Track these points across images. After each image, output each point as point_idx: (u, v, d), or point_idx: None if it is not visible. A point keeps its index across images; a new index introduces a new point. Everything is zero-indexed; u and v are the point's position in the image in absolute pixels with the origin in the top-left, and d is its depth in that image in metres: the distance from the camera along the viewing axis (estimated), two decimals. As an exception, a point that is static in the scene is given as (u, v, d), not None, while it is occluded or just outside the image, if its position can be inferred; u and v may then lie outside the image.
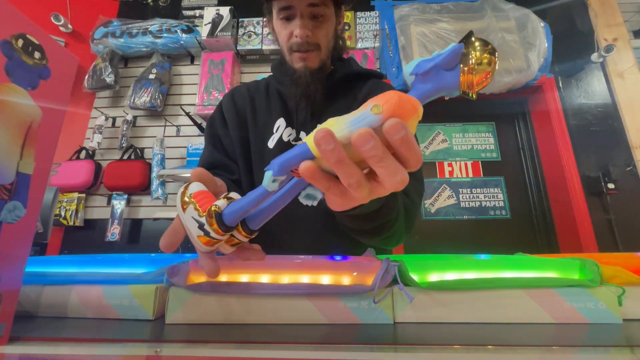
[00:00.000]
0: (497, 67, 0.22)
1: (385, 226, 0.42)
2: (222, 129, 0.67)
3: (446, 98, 0.24)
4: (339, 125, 0.21)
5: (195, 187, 0.28)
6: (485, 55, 0.22)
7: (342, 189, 0.23)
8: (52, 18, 2.02)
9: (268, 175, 0.23)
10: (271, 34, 0.69)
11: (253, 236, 0.28)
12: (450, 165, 2.11)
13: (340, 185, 0.23)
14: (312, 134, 0.22)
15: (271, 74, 0.73)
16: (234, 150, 0.65)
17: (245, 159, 0.64)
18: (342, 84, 0.67)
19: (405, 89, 0.23)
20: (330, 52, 0.66)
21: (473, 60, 0.21)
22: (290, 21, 0.61)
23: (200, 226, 0.26)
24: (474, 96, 0.22)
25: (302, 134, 0.64)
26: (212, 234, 0.26)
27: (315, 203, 0.25)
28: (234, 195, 0.28)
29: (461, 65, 0.22)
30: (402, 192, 0.49)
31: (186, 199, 0.28)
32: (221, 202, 0.26)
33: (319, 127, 0.22)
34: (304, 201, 0.25)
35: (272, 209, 0.27)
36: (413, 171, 0.22)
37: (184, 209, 0.27)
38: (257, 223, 0.27)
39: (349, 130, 0.21)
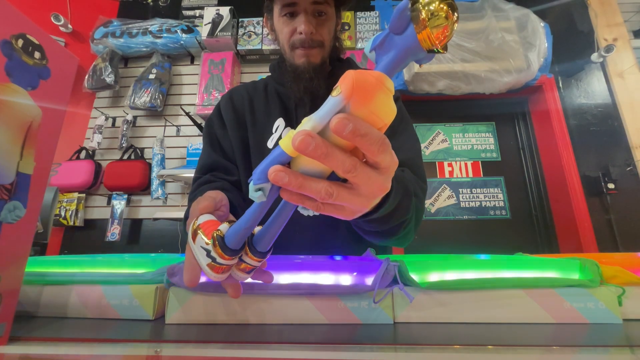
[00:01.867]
0: (456, 17, 0.19)
1: (400, 226, 0.42)
2: (221, 131, 0.66)
3: (420, 66, 0.22)
4: (311, 122, 0.21)
5: (204, 217, 0.29)
6: (437, 6, 0.19)
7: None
8: (52, 18, 2.02)
9: (251, 186, 0.23)
10: (270, 36, 0.68)
11: (265, 258, 0.28)
12: (450, 165, 2.11)
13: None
14: (287, 136, 0.22)
15: (270, 74, 0.73)
16: (232, 151, 0.65)
17: (244, 160, 0.64)
18: None
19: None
20: (330, 52, 0.66)
21: (423, 15, 0.19)
22: (293, 18, 0.60)
23: (208, 253, 0.26)
24: (442, 51, 0.20)
25: None
26: (218, 260, 0.26)
27: (311, 213, 0.25)
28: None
29: (413, 25, 0.19)
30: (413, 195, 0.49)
31: (195, 228, 0.28)
32: (223, 226, 0.27)
33: (295, 130, 0.21)
34: (303, 212, 0.25)
35: (276, 226, 0.26)
36: (382, 165, 0.22)
37: (194, 240, 0.28)
38: (264, 244, 0.27)
39: (316, 123, 0.20)
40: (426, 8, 0.19)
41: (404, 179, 0.40)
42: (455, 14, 0.19)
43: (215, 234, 0.26)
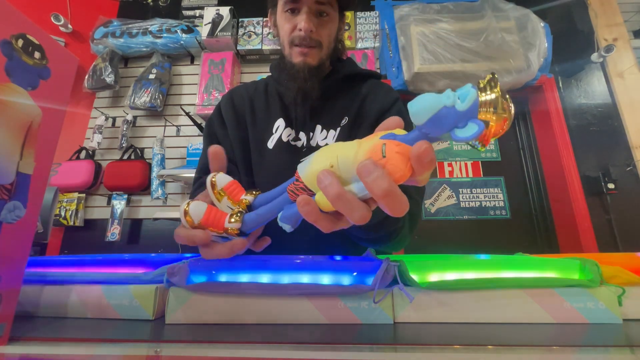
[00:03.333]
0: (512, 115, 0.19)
1: (392, 234, 0.42)
2: (221, 130, 0.66)
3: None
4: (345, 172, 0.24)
5: (223, 179, 0.33)
6: (504, 103, 0.19)
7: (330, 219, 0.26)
8: (52, 18, 2.02)
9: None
10: (272, 31, 0.69)
11: (243, 237, 0.31)
12: (450, 165, 2.11)
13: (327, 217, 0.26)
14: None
15: (270, 74, 0.73)
16: (233, 151, 0.65)
17: (244, 160, 0.64)
18: (341, 84, 0.67)
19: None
20: (330, 54, 0.66)
21: (495, 110, 0.19)
22: (295, 15, 0.60)
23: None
24: (482, 149, 0.21)
25: (302, 134, 0.64)
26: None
27: (288, 229, 0.29)
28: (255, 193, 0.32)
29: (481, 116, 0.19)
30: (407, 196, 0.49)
31: (219, 191, 0.32)
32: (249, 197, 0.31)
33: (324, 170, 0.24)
34: (284, 226, 0.28)
35: (266, 217, 0.30)
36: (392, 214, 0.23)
37: (219, 200, 0.32)
38: (248, 227, 0.31)
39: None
40: (499, 104, 0.19)
41: None
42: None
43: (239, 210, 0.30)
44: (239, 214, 0.30)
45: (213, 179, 0.33)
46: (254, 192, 0.32)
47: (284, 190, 0.29)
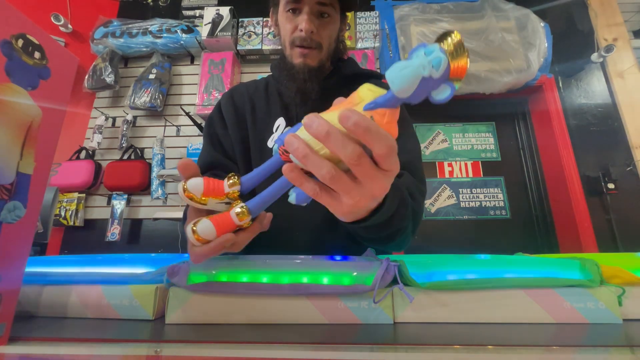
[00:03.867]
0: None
1: (397, 233, 0.42)
2: (221, 129, 0.66)
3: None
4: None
5: (195, 185, 0.31)
6: (466, 55, 0.21)
7: (329, 193, 0.24)
8: (52, 18, 2.02)
9: (275, 148, 0.29)
10: (273, 30, 0.69)
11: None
12: (450, 165, 2.11)
13: (325, 190, 0.24)
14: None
15: (271, 74, 0.73)
16: (232, 149, 0.65)
17: (244, 159, 0.64)
18: (342, 84, 0.67)
19: None
20: (330, 55, 0.66)
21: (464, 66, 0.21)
22: (296, 15, 0.61)
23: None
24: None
25: None
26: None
27: (303, 203, 0.28)
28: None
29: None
30: (409, 196, 0.49)
31: (201, 198, 0.31)
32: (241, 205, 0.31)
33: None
34: (293, 201, 0.28)
35: (266, 201, 0.30)
36: (385, 167, 0.23)
37: (205, 204, 0.31)
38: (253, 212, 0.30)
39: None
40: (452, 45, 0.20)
41: (401, 185, 0.40)
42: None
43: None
44: (242, 207, 0.30)
45: (187, 192, 0.30)
46: (233, 179, 0.31)
47: (269, 168, 0.30)
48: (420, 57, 0.21)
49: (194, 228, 0.29)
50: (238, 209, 0.30)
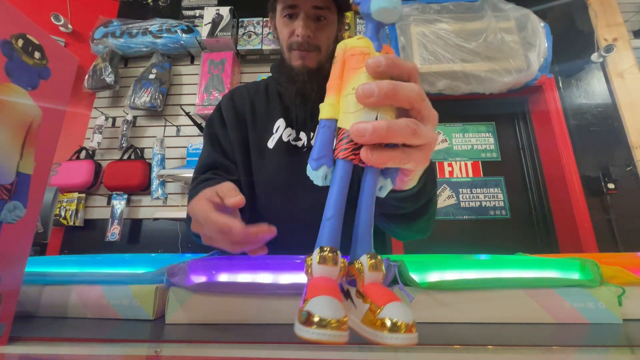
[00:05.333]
0: None
1: (428, 205, 0.43)
2: (221, 130, 0.67)
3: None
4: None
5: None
6: None
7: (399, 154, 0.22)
8: (52, 18, 2.02)
9: (313, 173, 0.23)
10: (272, 33, 0.69)
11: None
12: (450, 165, 2.11)
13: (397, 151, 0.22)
14: (322, 109, 0.24)
15: (271, 75, 0.73)
16: (232, 150, 0.65)
17: (244, 160, 0.64)
18: None
19: None
20: (330, 56, 0.66)
21: None
22: (293, 20, 0.61)
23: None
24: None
25: (302, 134, 0.64)
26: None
27: (387, 189, 0.25)
28: None
29: None
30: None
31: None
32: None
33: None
34: (379, 193, 0.25)
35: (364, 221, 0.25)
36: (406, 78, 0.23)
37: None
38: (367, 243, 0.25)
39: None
40: None
41: None
42: None
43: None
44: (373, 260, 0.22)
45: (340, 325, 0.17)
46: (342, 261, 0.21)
47: (343, 190, 0.22)
48: None
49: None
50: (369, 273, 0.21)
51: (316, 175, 0.23)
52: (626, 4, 2.05)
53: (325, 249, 0.20)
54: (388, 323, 0.17)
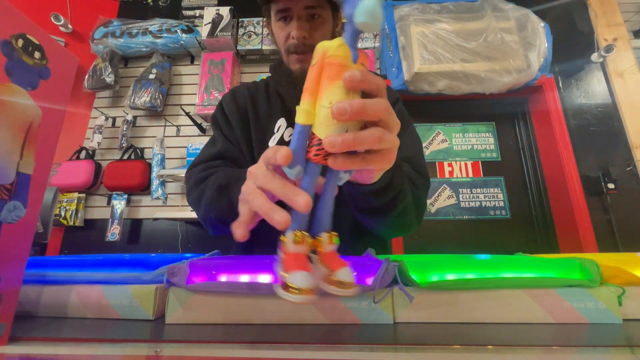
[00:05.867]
0: None
1: (396, 200, 0.44)
2: (226, 125, 0.67)
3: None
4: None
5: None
6: None
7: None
8: (52, 18, 2.02)
9: (287, 171, 0.26)
10: (270, 37, 0.70)
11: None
12: (450, 165, 2.11)
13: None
14: (299, 113, 0.25)
15: (270, 75, 0.74)
16: (239, 144, 0.66)
17: (250, 157, 0.65)
18: None
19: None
20: None
21: None
22: (287, 23, 0.61)
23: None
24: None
25: None
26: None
27: (345, 179, 0.28)
28: None
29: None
30: (409, 180, 0.52)
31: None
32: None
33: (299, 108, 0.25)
34: (338, 182, 0.28)
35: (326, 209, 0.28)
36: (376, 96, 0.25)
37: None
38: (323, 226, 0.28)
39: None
40: None
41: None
42: None
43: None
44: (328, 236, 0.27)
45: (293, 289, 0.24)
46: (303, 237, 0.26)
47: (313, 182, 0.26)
48: None
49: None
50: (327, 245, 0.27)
51: (290, 172, 0.26)
52: (626, 4, 2.05)
53: (297, 233, 0.25)
54: (338, 282, 0.25)
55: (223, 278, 0.35)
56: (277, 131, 0.65)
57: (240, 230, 0.28)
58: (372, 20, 0.22)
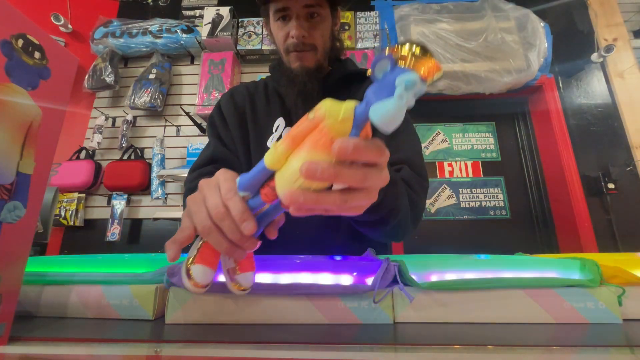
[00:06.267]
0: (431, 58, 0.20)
1: (390, 215, 0.43)
2: (223, 126, 0.67)
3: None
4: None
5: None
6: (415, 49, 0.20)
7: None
8: (52, 18, 2.02)
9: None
10: (269, 37, 0.69)
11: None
12: (450, 165, 2.11)
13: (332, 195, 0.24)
14: (270, 152, 0.24)
15: (269, 74, 0.74)
16: (235, 147, 0.65)
17: (246, 158, 0.65)
18: (340, 84, 0.67)
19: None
20: (327, 53, 0.66)
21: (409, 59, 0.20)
22: (286, 22, 0.61)
23: None
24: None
25: None
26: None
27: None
28: None
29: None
30: (405, 184, 0.51)
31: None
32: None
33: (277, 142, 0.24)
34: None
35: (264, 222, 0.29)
36: (381, 163, 0.23)
37: None
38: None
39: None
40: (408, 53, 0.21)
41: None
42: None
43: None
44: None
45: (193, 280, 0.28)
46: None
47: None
48: (404, 97, 0.19)
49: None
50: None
51: (240, 193, 0.27)
52: (626, 4, 2.05)
53: None
54: (237, 282, 0.30)
55: (223, 278, 0.35)
56: (276, 131, 0.64)
57: (171, 251, 0.28)
58: (387, 127, 0.20)
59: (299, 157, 0.23)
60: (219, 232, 0.27)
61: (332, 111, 0.22)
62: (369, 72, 0.22)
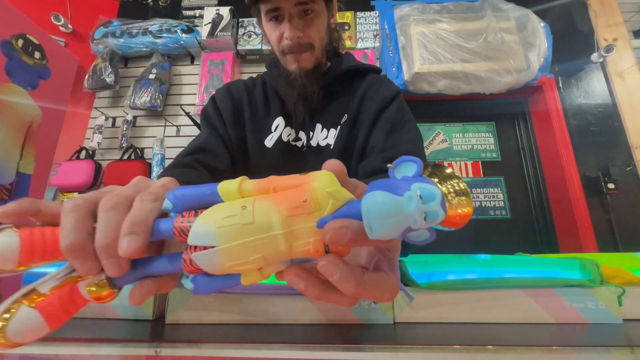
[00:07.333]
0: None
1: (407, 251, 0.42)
2: (217, 120, 0.64)
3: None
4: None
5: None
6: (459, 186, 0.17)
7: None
8: (52, 18, 2.02)
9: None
10: (264, 37, 0.67)
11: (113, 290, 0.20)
12: (450, 165, 2.11)
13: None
14: (237, 181, 0.19)
15: (266, 71, 0.71)
16: (229, 139, 0.63)
17: (242, 157, 0.63)
18: (340, 80, 0.65)
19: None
20: (325, 49, 0.64)
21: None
22: (279, 22, 0.58)
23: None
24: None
25: (302, 134, 0.64)
26: None
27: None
28: None
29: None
30: None
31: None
32: None
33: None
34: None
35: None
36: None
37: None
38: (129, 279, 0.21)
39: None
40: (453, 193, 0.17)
41: None
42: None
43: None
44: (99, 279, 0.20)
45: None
46: None
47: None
48: (413, 202, 0.15)
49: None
50: (90, 281, 0.20)
51: (166, 203, 0.20)
52: (626, 4, 2.05)
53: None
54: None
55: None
56: (275, 130, 0.64)
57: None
58: (375, 225, 0.16)
59: (265, 202, 0.18)
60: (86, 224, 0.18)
61: (319, 183, 0.18)
62: (389, 165, 0.18)
